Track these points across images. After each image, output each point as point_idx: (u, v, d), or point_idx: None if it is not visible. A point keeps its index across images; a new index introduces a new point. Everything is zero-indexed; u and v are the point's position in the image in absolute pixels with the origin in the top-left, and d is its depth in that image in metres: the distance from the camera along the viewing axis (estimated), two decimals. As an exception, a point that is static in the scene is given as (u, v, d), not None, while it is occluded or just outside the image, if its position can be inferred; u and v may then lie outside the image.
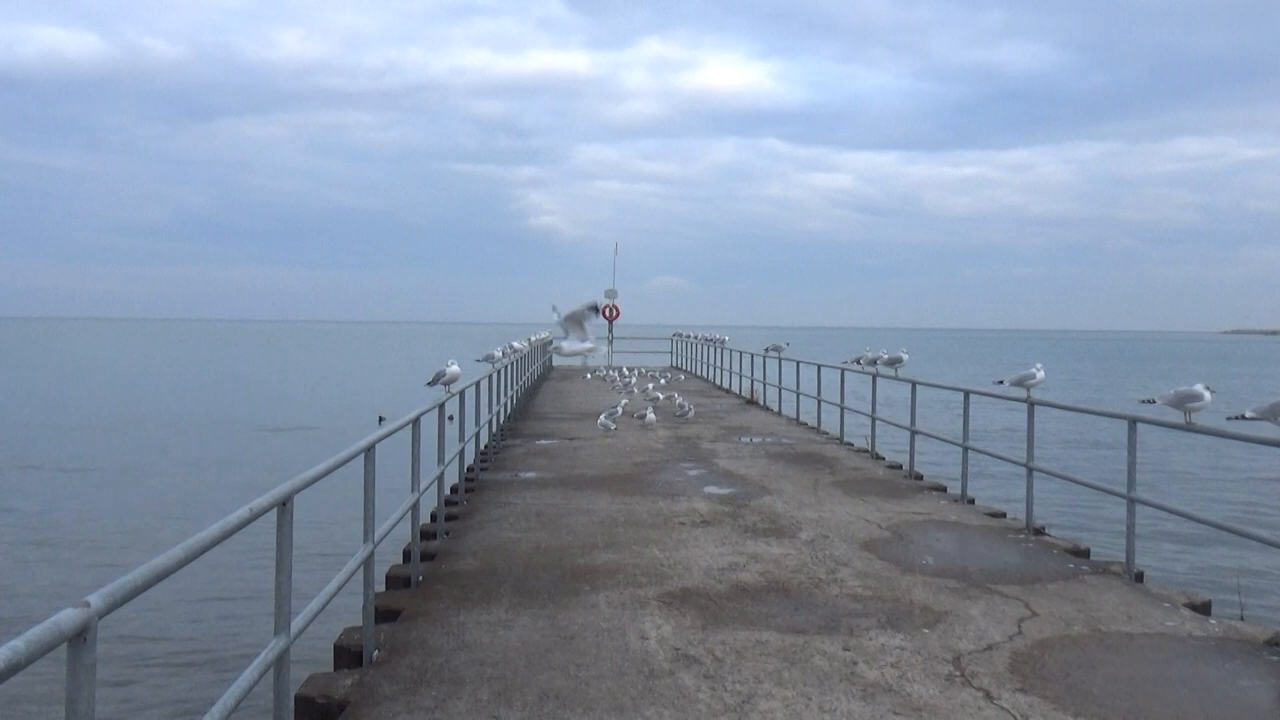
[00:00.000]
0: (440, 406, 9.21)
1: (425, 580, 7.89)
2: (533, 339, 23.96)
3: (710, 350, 33.21)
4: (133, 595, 2.86)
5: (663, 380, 28.93)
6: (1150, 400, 8.44)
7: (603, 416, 17.97)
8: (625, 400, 21.50)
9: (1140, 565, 8.42)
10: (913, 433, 13.57)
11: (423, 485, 8.04)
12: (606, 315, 39.70)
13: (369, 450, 5.88)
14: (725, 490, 11.90)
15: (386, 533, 6.38)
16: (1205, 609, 7.42)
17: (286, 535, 4.33)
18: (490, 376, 14.00)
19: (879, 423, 15.42)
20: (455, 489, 11.72)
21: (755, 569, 8.11)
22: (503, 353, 16.14)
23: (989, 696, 5.41)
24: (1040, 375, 10.51)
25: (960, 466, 12.00)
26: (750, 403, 24.54)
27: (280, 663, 4.24)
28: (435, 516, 10.13)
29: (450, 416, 9.66)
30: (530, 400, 24.39)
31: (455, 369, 9.87)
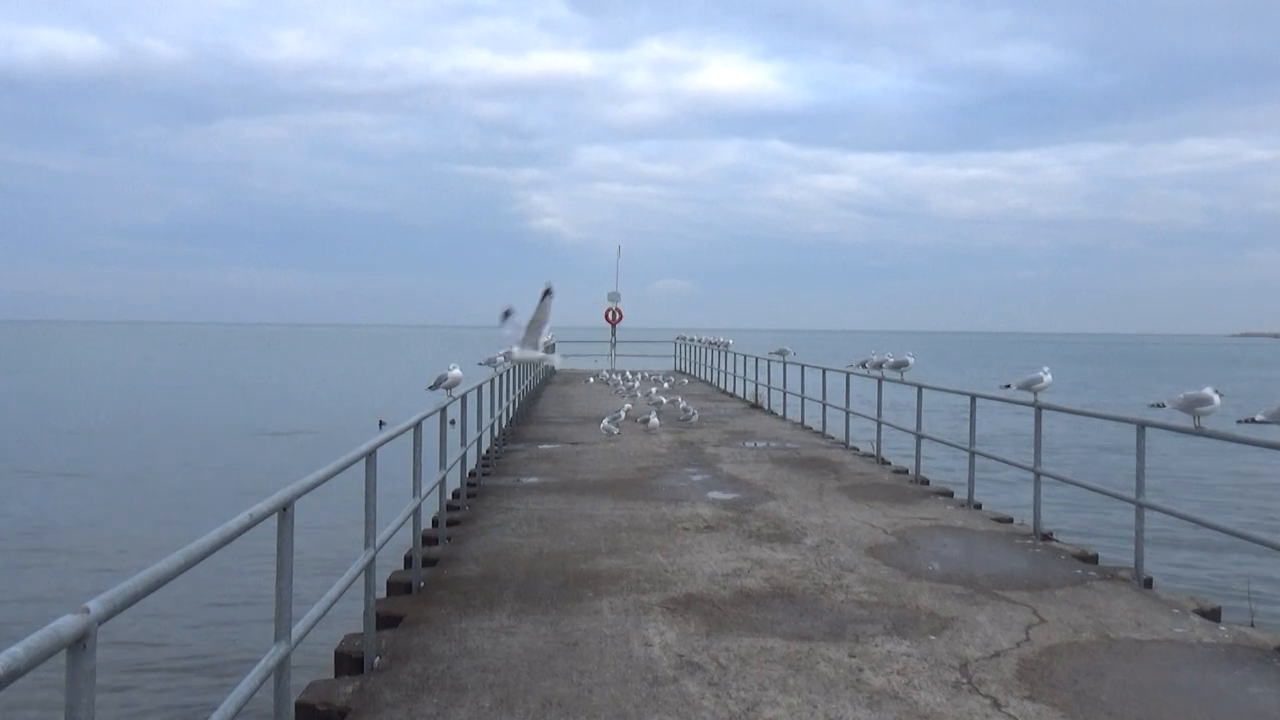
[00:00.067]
0: (442, 410, 9.17)
1: (427, 586, 7.84)
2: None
3: (714, 354, 33.15)
4: (133, 601, 2.84)
5: (666, 384, 28.89)
6: (1159, 404, 8.37)
7: (606, 421, 17.94)
8: (628, 404, 21.45)
9: (1149, 571, 8.34)
10: (919, 437, 13.52)
11: (424, 490, 8.00)
12: (610, 319, 39.73)
13: (370, 455, 5.85)
14: (729, 495, 11.84)
15: (388, 538, 6.35)
16: (1215, 615, 7.36)
17: (287, 541, 4.30)
18: (492, 380, 13.95)
19: (885, 427, 15.36)
20: (457, 494, 11.65)
21: (760, 575, 8.05)
22: (505, 356, 16.07)
23: (996, 704, 5.35)
24: (1048, 379, 10.45)
25: (967, 471, 11.96)
26: (754, 407, 24.46)
27: (281, 669, 4.22)
28: (437, 522, 10.08)
29: (452, 421, 9.62)
30: (533, 404, 24.37)
31: (457, 373, 9.83)
